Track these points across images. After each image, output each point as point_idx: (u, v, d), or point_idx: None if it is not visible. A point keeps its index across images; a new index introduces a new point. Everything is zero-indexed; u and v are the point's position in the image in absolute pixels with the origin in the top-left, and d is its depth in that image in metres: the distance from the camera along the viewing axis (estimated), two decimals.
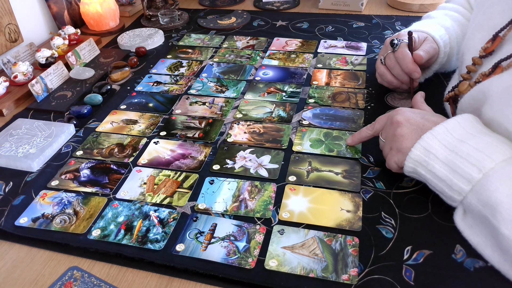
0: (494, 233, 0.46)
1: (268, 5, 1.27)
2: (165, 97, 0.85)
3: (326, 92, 0.83)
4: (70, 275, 0.51)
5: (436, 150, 0.50)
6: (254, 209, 0.58)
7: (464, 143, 0.49)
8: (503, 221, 0.44)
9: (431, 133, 0.51)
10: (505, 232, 0.44)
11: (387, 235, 0.53)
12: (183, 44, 1.06)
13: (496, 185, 0.45)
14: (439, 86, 0.79)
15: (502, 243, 0.45)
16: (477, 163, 0.47)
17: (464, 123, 0.52)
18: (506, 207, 0.44)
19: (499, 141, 0.49)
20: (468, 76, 0.60)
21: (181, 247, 0.53)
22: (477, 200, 0.47)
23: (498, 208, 0.44)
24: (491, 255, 0.48)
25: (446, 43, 0.75)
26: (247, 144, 0.70)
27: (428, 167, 0.51)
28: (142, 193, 0.62)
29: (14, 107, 0.85)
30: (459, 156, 0.49)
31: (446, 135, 0.51)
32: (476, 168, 0.47)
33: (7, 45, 0.97)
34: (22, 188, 0.64)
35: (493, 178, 0.46)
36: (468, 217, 0.50)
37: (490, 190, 0.45)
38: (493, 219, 0.45)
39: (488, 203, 0.46)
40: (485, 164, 0.47)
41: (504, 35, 0.56)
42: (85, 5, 1.12)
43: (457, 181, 0.49)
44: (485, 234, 0.48)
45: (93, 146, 0.72)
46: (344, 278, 0.48)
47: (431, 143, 0.51)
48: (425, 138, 0.51)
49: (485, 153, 0.47)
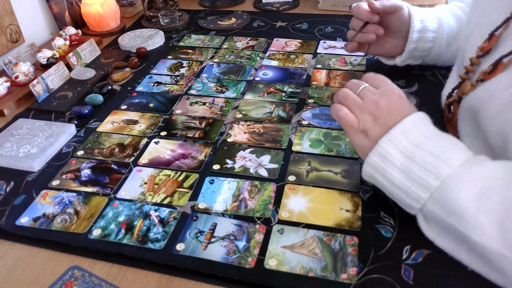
0: (464, 240, 0.45)
1: (268, 6, 1.28)
2: (166, 97, 0.85)
3: (326, 93, 0.83)
4: (70, 275, 0.51)
5: (393, 157, 0.49)
6: (254, 209, 0.58)
7: (419, 148, 0.48)
8: (472, 227, 0.43)
9: (387, 138, 0.50)
10: (476, 239, 0.43)
11: (386, 235, 0.53)
12: (183, 44, 1.06)
13: (457, 191, 0.45)
14: (438, 86, 0.79)
15: (475, 249, 0.44)
16: (434, 170, 0.47)
17: (419, 123, 0.51)
18: (471, 212, 0.43)
19: (453, 144, 0.49)
20: (466, 77, 0.60)
21: (181, 247, 0.53)
22: (440, 208, 0.46)
23: (464, 215, 0.44)
24: (468, 260, 0.47)
25: (427, 29, 0.76)
26: (247, 144, 0.70)
27: (385, 174, 0.50)
28: (143, 192, 0.62)
29: (15, 107, 0.85)
30: (416, 163, 0.48)
31: (402, 139, 0.50)
32: (433, 175, 0.47)
33: (8, 45, 0.97)
34: (23, 188, 0.64)
35: (451, 185, 0.45)
36: (433, 226, 0.49)
37: (451, 197, 0.45)
38: (461, 227, 0.44)
39: (452, 210, 0.45)
40: (442, 170, 0.46)
41: (500, 33, 0.56)
42: (86, 5, 1.12)
43: (415, 188, 0.48)
44: (455, 241, 0.47)
45: (94, 146, 0.72)
46: (343, 278, 0.48)
47: (388, 149, 0.50)
48: (381, 143, 0.50)
49: (441, 159, 0.47)
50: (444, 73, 0.84)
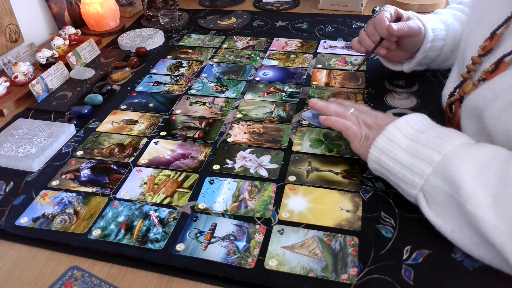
0: (462, 212, 0.47)
1: (268, 5, 1.27)
2: (165, 97, 0.85)
3: (326, 92, 0.83)
4: (70, 275, 0.51)
5: (399, 140, 0.54)
6: (254, 209, 0.58)
7: (423, 133, 0.54)
8: (467, 197, 0.46)
9: (394, 125, 0.56)
10: (471, 209, 0.45)
11: (386, 235, 0.53)
12: (183, 44, 1.06)
13: (457, 164, 0.48)
14: (438, 86, 0.79)
15: (470, 222, 0.46)
16: (436, 147, 0.51)
17: (422, 118, 0.57)
18: (469, 184, 0.46)
19: (455, 132, 0.54)
20: (468, 76, 0.60)
21: (181, 247, 0.53)
22: (443, 180, 0.49)
23: (461, 185, 0.46)
24: (470, 238, 0.47)
25: (438, 38, 0.76)
26: (247, 144, 0.70)
27: (391, 155, 0.54)
28: (142, 193, 0.62)
29: (15, 107, 0.85)
30: (420, 144, 0.53)
31: (407, 126, 0.55)
32: (436, 151, 0.51)
33: (8, 45, 0.97)
34: (22, 188, 0.64)
35: (453, 158, 0.49)
36: (434, 205, 0.51)
37: (452, 169, 0.48)
38: (459, 197, 0.46)
39: (452, 181, 0.47)
40: (443, 147, 0.51)
41: (501, 33, 0.56)
42: (85, 5, 1.12)
43: (418, 164, 0.51)
44: (455, 217, 0.48)
45: (94, 146, 0.72)
46: (343, 278, 0.48)
47: (394, 133, 0.55)
48: (388, 129, 0.56)
49: (443, 139, 0.52)
50: (444, 73, 0.84)
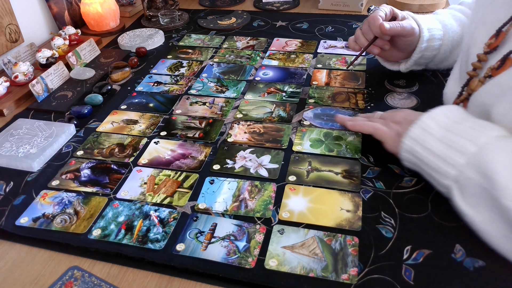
0: (495, 205, 0.46)
1: (268, 5, 1.27)
2: (166, 97, 0.85)
3: (326, 92, 0.83)
4: (70, 275, 0.51)
5: (433, 129, 0.54)
6: (254, 209, 0.58)
7: (459, 124, 0.53)
8: (502, 191, 0.45)
9: (429, 115, 0.55)
10: (504, 202, 0.45)
11: (386, 235, 0.53)
12: (183, 44, 1.06)
13: (492, 156, 0.47)
14: (439, 86, 0.79)
15: (504, 215, 0.45)
16: (472, 138, 0.50)
17: (458, 110, 0.56)
18: (504, 178, 0.45)
19: (490, 124, 0.53)
20: (474, 73, 0.60)
21: (182, 247, 0.53)
22: (477, 172, 0.48)
23: (496, 178, 0.46)
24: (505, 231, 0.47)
25: (435, 37, 0.76)
26: (247, 144, 0.70)
27: (424, 145, 0.54)
28: (143, 193, 0.62)
29: (15, 107, 0.85)
30: (455, 134, 0.52)
31: (442, 117, 0.55)
32: (471, 142, 0.50)
33: (8, 45, 0.97)
34: (22, 188, 0.64)
35: (488, 150, 0.48)
36: (468, 197, 0.50)
37: (486, 161, 0.47)
38: (493, 190, 0.46)
39: (487, 174, 0.47)
40: (479, 138, 0.50)
41: (507, 30, 0.56)
42: (85, 5, 1.12)
43: (452, 155, 0.51)
44: (490, 210, 0.48)
45: (94, 146, 0.72)
46: (344, 278, 0.48)
47: (429, 123, 0.55)
48: (423, 119, 0.55)
49: (479, 130, 0.51)
50: (445, 73, 0.84)
